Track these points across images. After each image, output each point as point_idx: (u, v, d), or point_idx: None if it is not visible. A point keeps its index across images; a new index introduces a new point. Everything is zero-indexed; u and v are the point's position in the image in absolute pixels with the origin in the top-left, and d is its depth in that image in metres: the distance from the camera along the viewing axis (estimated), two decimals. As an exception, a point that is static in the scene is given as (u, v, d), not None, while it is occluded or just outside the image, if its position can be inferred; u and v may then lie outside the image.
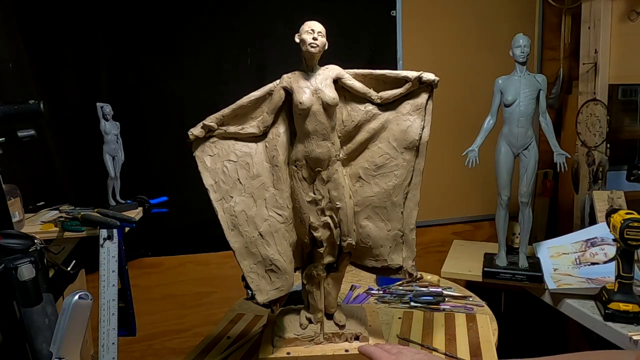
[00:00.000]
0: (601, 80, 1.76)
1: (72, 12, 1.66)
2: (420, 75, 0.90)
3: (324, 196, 0.92)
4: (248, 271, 0.90)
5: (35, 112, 0.92)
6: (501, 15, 2.01)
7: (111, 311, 1.12)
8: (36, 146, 1.50)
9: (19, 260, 0.75)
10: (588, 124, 1.78)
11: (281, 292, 0.92)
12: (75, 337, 0.67)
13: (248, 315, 1.27)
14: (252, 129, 0.92)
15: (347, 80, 0.91)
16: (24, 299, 0.75)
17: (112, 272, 1.15)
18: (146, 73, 1.77)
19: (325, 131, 0.89)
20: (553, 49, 2.09)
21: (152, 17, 1.75)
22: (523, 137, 1.50)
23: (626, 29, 1.72)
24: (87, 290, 0.68)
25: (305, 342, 0.99)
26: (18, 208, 1.23)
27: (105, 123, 1.33)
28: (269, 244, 0.91)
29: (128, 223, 1.22)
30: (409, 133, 0.93)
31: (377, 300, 1.33)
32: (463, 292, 1.37)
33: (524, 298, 1.76)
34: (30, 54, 1.59)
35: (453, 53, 1.99)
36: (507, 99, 1.50)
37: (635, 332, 1.23)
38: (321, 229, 0.93)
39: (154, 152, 1.80)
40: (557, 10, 2.02)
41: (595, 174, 1.74)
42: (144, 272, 1.87)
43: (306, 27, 0.86)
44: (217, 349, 1.10)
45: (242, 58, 1.83)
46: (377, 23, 1.92)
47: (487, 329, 1.14)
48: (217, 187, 0.90)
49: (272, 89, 0.91)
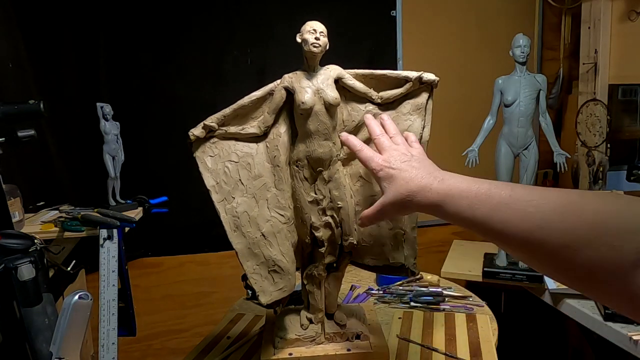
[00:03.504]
0: (601, 80, 1.76)
1: (72, 12, 1.66)
2: (421, 75, 0.90)
3: (325, 196, 0.92)
4: (251, 272, 0.90)
5: (35, 112, 0.92)
6: (501, 15, 2.02)
7: (111, 311, 1.12)
8: (36, 146, 1.50)
9: (19, 260, 0.75)
10: (588, 124, 1.78)
11: (284, 293, 0.92)
12: (75, 337, 0.67)
13: (248, 315, 1.27)
14: (253, 129, 0.92)
15: (348, 80, 0.91)
16: (24, 299, 0.75)
17: (112, 272, 1.15)
18: (146, 73, 1.77)
19: (327, 131, 0.89)
20: (553, 49, 2.09)
21: (152, 17, 1.75)
22: (523, 137, 1.50)
23: (626, 29, 1.72)
24: (87, 290, 0.68)
25: (307, 343, 0.98)
26: (18, 208, 1.23)
27: (105, 123, 1.33)
28: (271, 244, 0.91)
29: (128, 223, 1.22)
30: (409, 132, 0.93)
31: (377, 300, 1.33)
32: (463, 292, 1.37)
33: (524, 298, 1.76)
34: (30, 54, 1.59)
35: (453, 53, 1.99)
36: (507, 99, 1.50)
37: (635, 332, 1.23)
38: (322, 229, 0.93)
39: (154, 152, 1.80)
40: (557, 10, 2.03)
41: (595, 174, 1.74)
42: (144, 272, 1.87)
43: (308, 27, 0.86)
44: (217, 349, 1.10)
45: (242, 58, 1.83)
46: (377, 23, 1.93)
47: (487, 329, 1.14)
48: (219, 188, 0.90)
49: (273, 88, 0.91)
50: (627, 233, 0.43)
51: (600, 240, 0.44)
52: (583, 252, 0.45)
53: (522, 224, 0.51)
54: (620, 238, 0.43)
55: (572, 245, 0.46)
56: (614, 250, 0.43)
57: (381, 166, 0.72)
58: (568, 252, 0.46)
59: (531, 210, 0.51)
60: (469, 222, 0.59)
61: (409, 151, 0.74)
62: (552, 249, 0.48)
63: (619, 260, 0.43)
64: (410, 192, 0.67)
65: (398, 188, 0.68)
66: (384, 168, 0.72)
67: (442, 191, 0.63)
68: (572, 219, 0.47)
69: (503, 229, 0.53)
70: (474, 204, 0.57)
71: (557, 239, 0.47)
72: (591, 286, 0.47)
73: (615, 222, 0.45)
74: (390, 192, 0.70)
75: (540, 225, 0.49)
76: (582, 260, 0.45)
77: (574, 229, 0.46)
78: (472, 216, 0.57)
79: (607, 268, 0.44)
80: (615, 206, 0.46)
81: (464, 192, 0.59)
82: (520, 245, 0.52)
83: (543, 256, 0.50)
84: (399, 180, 0.69)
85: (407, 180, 0.68)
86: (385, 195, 0.71)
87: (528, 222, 0.50)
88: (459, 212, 0.60)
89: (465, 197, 0.59)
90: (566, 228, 0.47)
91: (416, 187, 0.66)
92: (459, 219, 0.60)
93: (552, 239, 0.48)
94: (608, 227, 0.45)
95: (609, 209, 0.46)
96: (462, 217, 0.60)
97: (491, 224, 0.55)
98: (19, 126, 0.91)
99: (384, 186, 0.71)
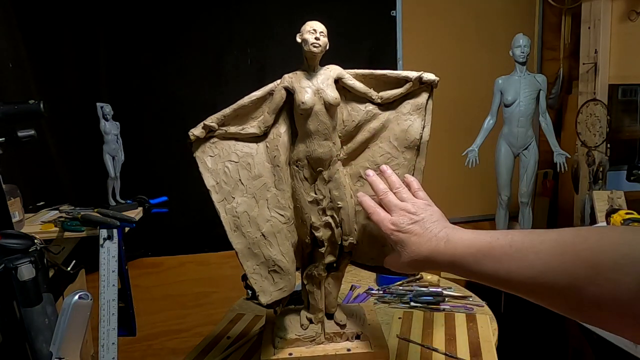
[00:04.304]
0: (601, 80, 1.76)
1: (72, 12, 1.66)
2: (421, 75, 0.90)
3: (325, 196, 0.92)
4: (251, 272, 0.90)
5: (35, 112, 0.92)
6: (501, 15, 2.02)
7: (111, 311, 1.12)
8: (36, 146, 1.50)
9: (19, 260, 0.75)
10: (588, 124, 1.78)
11: (284, 293, 0.92)
12: (75, 337, 0.67)
13: (248, 315, 1.27)
14: (253, 129, 0.91)
15: (348, 80, 0.91)
16: (24, 299, 0.75)
17: (112, 272, 1.15)
18: (146, 73, 1.77)
19: (327, 131, 0.89)
20: (553, 49, 2.09)
21: (152, 17, 1.75)
22: (523, 137, 1.51)
23: (626, 29, 1.72)
24: (87, 290, 0.68)
25: (307, 343, 0.98)
26: (18, 208, 1.23)
27: (105, 123, 1.33)
28: (271, 244, 0.91)
29: (128, 223, 1.22)
30: (409, 132, 0.92)
31: (377, 300, 1.33)
32: (463, 292, 1.37)
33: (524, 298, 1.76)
34: (30, 54, 1.59)
35: (453, 53, 1.99)
36: (507, 99, 1.50)
37: (636, 332, 1.23)
38: (322, 229, 0.93)
39: (154, 152, 1.80)
40: (557, 10, 2.02)
41: (595, 174, 1.74)
42: (144, 272, 1.87)
43: (308, 27, 0.86)
44: (217, 349, 1.10)
45: (242, 58, 1.83)
46: (377, 23, 1.93)
47: (487, 329, 1.14)
48: (219, 188, 0.90)
49: (273, 88, 0.91)
50: (624, 266, 0.45)
51: (601, 277, 0.46)
52: (587, 289, 0.47)
53: (526, 272, 0.53)
54: (618, 272, 0.45)
55: (576, 284, 0.48)
56: (615, 284, 0.45)
57: (391, 230, 0.75)
58: (573, 291, 0.48)
59: (531, 258, 0.53)
60: (480, 277, 0.61)
61: (415, 208, 0.76)
62: (558, 291, 0.50)
63: (620, 294, 0.44)
64: (422, 257, 0.70)
65: (410, 253, 0.72)
66: (393, 232, 0.75)
67: (450, 252, 0.66)
68: (571, 260, 0.49)
69: (510, 279, 0.56)
70: (480, 260, 0.60)
71: (561, 281, 0.49)
72: (601, 320, 0.49)
73: (612, 257, 0.46)
74: (404, 256, 0.73)
75: (542, 271, 0.51)
76: (588, 297, 0.47)
77: (574, 270, 0.48)
78: (481, 271, 0.60)
79: (612, 301, 0.45)
80: (609, 240, 0.48)
81: (468, 249, 0.62)
82: (529, 291, 0.55)
83: (551, 298, 0.52)
84: (410, 245, 0.72)
85: (418, 245, 0.71)
86: (402, 258, 0.74)
87: (531, 269, 0.53)
88: (470, 270, 0.62)
89: (470, 253, 0.62)
90: (566, 270, 0.49)
91: (427, 252, 0.70)
92: (472, 275, 0.63)
93: (555, 281, 0.50)
94: (605, 264, 0.46)
95: (603, 244, 0.48)
96: (473, 273, 0.62)
97: (498, 276, 0.57)
98: (19, 126, 0.91)
99: (397, 249, 0.75)
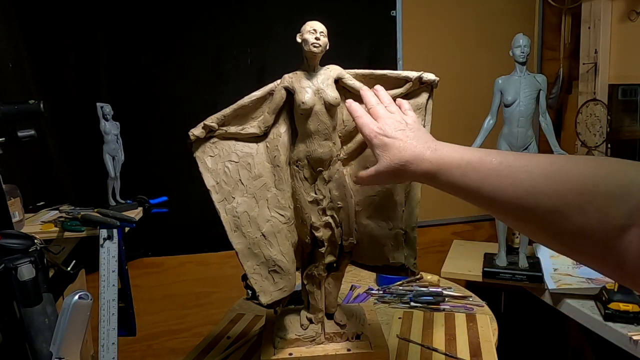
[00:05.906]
0: (601, 80, 1.76)
1: (72, 12, 1.66)
2: (421, 75, 0.90)
3: (325, 196, 0.92)
4: (251, 272, 0.90)
5: (35, 112, 0.91)
6: (501, 15, 2.02)
7: (111, 311, 1.12)
8: (36, 146, 1.50)
9: (19, 260, 0.75)
10: (588, 124, 1.78)
11: (284, 293, 0.92)
12: (75, 337, 0.67)
13: (248, 315, 1.27)
14: (253, 129, 0.92)
15: (348, 81, 0.91)
16: (24, 299, 0.75)
17: (112, 272, 1.15)
18: (146, 73, 1.77)
19: (327, 131, 0.89)
20: (553, 49, 2.09)
21: (152, 17, 1.75)
22: (523, 137, 1.50)
23: (626, 29, 1.72)
24: (87, 290, 0.68)
25: (307, 343, 0.99)
26: (18, 208, 1.23)
27: (105, 123, 1.33)
28: (271, 244, 0.91)
29: (128, 223, 1.22)
30: (409, 133, 0.93)
31: (377, 300, 1.33)
32: (463, 292, 1.37)
33: (524, 298, 1.76)
34: (30, 54, 1.59)
35: (453, 53, 1.99)
36: (507, 99, 1.50)
37: (635, 332, 1.23)
38: (322, 229, 0.93)
39: (154, 152, 1.80)
40: (557, 10, 2.02)
41: (595, 174, 1.74)
42: (144, 272, 1.87)
43: (308, 27, 0.86)
44: (217, 349, 1.10)
45: (242, 58, 1.83)
46: (377, 23, 1.93)
47: (487, 329, 1.14)
48: (219, 188, 0.90)
49: (273, 88, 0.91)
50: (613, 198, 0.43)
51: (589, 205, 0.44)
52: (572, 217, 0.46)
53: (513, 191, 0.52)
54: (607, 203, 0.44)
55: (562, 211, 0.46)
56: (602, 215, 0.43)
57: (375, 133, 0.73)
58: (558, 217, 0.47)
59: (521, 177, 0.51)
60: (461, 191, 0.59)
61: (404, 119, 0.75)
62: (542, 215, 0.48)
63: (607, 225, 0.43)
64: (403, 161, 0.68)
65: (392, 157, 0.70)
66: (377, 135, 0.73)
67: (435, 160, 0.64)
68: (561, 184, 0.47)
69: (494, 197, 0.54)
70: (466, 173, 0.58)
71: (547, 205, 0.48)
72: (581, 251, 0.48)
73: (603, 187, 0.45)
74: (384, 160, 0.71)
75: (529, 192, 0.50)
76: (572, 226, 0.46)
77: (563, 195, 0.47)
78: (465, 184, 0.58)
79: (595, 232, 0.44)
80: (603, 170, 0.47)
81: (456, 161, 0.60)
82: (511, 211, 0.53)
83: (534, 222, 0.51)
84: (392, 149, 0.70)
85: (401, 149, 0.69)
86: (380, 163, 0.71)
87: (518, 189, 0.51)
88: (452, 181, 0.61)
89: (457, 165, 0.60)
90: (555, 194, 0.47)
91: (410, 156, 0.67)
92: (451, 187, 0.61)
93: (541, 204, 0.48)
94: (596, 192, 0.45)
95: (596, 173, 0.46)
96: (455, 185, 0.60)
97: (483, 192, 0.56)
98: (19, 126, 0.91)
99: (377, 154, 0.72)
